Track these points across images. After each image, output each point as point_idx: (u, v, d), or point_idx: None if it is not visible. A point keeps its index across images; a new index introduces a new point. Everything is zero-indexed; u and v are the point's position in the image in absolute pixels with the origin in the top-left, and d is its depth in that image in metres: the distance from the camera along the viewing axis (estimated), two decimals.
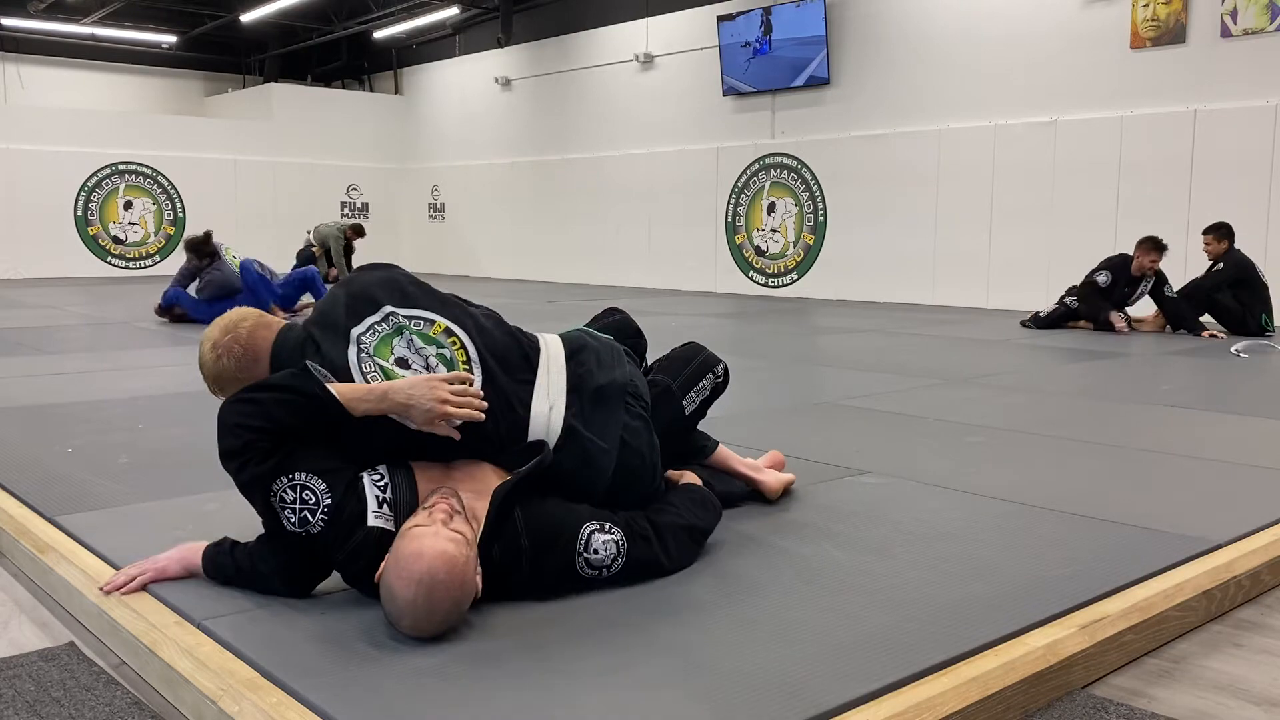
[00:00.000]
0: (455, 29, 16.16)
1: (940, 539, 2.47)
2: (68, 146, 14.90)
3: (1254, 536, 2.50)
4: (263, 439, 1.94)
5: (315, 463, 1.97)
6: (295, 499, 1.94)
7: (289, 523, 1.95)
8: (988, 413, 4.30)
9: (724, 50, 12.18)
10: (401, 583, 1.79)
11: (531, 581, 2.02)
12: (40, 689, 1.84)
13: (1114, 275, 7.78)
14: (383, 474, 2.03)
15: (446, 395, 2.04)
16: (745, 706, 1.59)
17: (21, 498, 2.83)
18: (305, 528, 1.94)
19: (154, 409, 4.34)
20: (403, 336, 2.17)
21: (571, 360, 2.29)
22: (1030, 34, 9.79)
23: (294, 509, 1.94)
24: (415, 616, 1.81)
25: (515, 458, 2.14)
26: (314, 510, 1.94)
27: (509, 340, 2.28)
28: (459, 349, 2.19)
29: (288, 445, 1.96)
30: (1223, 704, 1.82)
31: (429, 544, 1.81)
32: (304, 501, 1.94)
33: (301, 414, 1.98)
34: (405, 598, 1.79)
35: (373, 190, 17.54)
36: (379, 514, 1.96)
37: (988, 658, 1.79)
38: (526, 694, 1.63)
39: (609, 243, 14.04)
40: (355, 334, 2.17)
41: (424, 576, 1.78)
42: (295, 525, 1.95)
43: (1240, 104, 8.55)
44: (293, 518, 1.94)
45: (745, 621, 1.94)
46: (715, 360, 2.63)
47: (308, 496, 1.94)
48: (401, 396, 2.03)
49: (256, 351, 2.17)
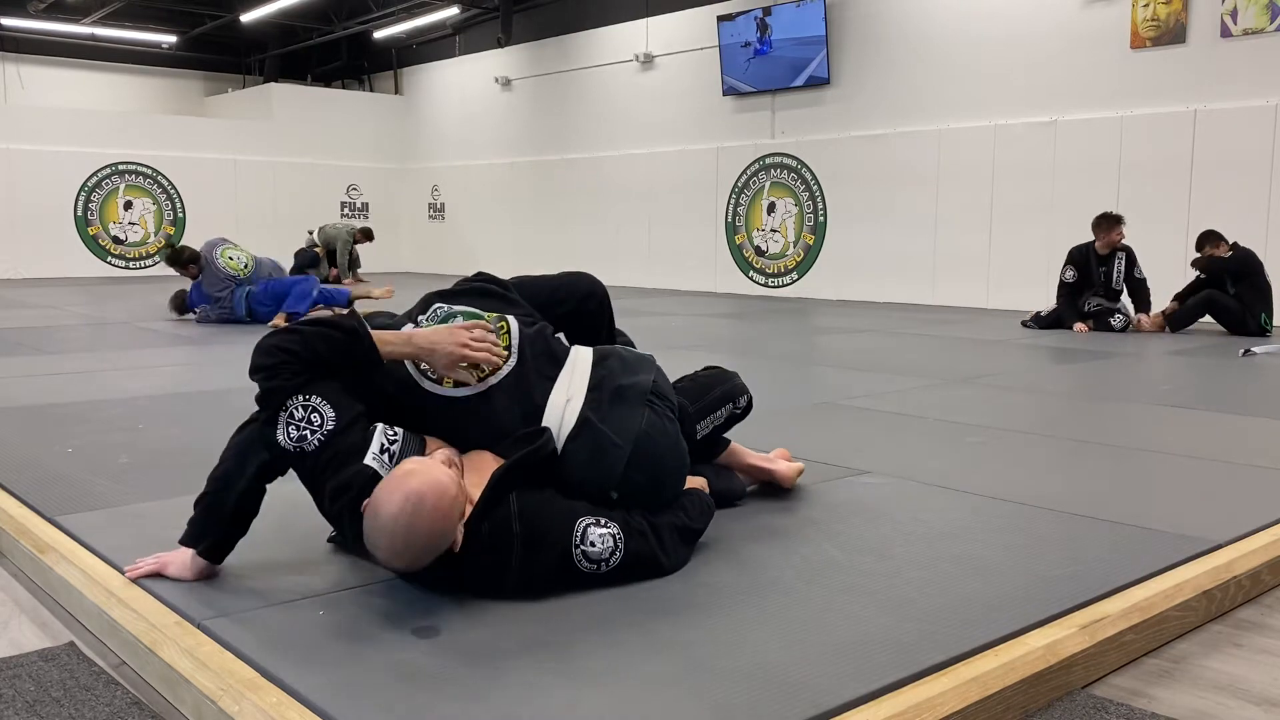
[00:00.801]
0: (455, 29, 16.16)
1: (940, 539, 2.47)
2: (68, 146, 14.90)
3: (1254, 536, 2.50)
4: (295, 362, 2.03)
5: (333, 394, 2.05)
6: (303, 418, 2.01)
7: (288, 438, 2.00)
8: (988, 413, 4.30)
9: (724, 50, 12.19)
10: (388, 496, 1.85)
11: (526, 573, 2.01)
12: (40, 689, 1.84)
13: (1078, 267, 7.88)
14: (397, 432, 2.09)
15: (466, 339, 2.17)
16: (745, 706, 1.59)
17: (21, 498, 2.83)
18: (300, 444, 2.00)
19: (154, 409, 4.34)
20: (454, 321, 2.29)
21: (598, 366, 2.34)
22: (1030, 34, 9.79)
23: (297, 425, 2.00)
24: (393, 536, 1.85)
25: (518, 444, 2.16)
26: (314, 430, 2.00)
27: (544, 341, 2.36)
28: (504, 332, 2.30)
29: (316, 374, 2.05)
30: (1223, 704, 1.82)
31: (423, 467, 1.91)
32: (310, 422, 2.01)
33: (337, 349, 2.07)
34: (388, 513, 1.84)
35: (373, 190, 17.54)
36: (378, 458, 2.01)
37: (988, 658, 1.79)
38: (526, 693, 1.63)
39: (609, 243, 14.04)
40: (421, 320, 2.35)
41: (411, 494, 1.84)
42: (292, 440, 2.00)
43: (1240, 104, 8.55)
44: (293, 433, 2.00)
45: (745, 621, 1.94)
46: (740, 391, 2.65)
47: (314, 418, 2.01)
48: (424, 341, 2.16)
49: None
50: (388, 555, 1.89)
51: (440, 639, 1.84)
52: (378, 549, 1.89)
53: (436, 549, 1.90)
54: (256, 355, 2.05)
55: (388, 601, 2.01)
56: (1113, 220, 7.76)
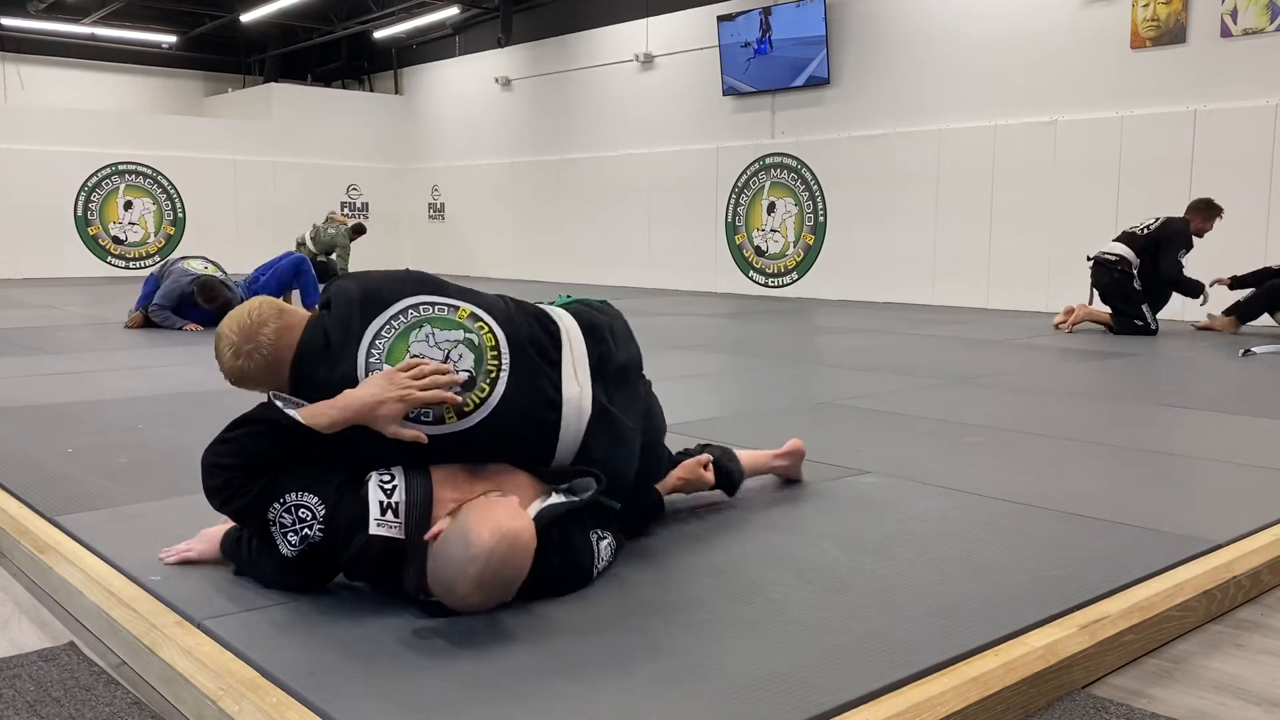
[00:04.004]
0: (455, 29, 16.16)
1: (940, 539, 2.47)
2: (67, 146, 14.89)
3: (1254, 536, 2.50)
4: (240, 474, 1.95)
5: (302, 480, 1.95)
6: (293, 520, 1.92)
7: (291, 546, 1.94)
8: (988, 413, 4.30)
9: (724, 50, 12.18)
10: (477, 530, 1.77)
11: (549, 594, 2.02)
12: (40, 689, 1.84)
13: (1187, 251, 7.49)
14: (393, 475, 1.97)
15: (406, 382, 1.93)
16: (745, 706, 1.59)
17: (21, 498, 2.83)
18: (305, 544, 1.93)
19: (154, 409, 4.34)
20: (421, 330, 2.04)
21: (590, 338, 2.20)
22: (1030, 34, 9.78)
23: (295, 530, 1.93)
24: (486, 569, 1.77)
25: (559, 478, 2.08)
26: (311, 525, 1.92)
27: (533, 322, 2.17)
28: (487, 333, 2.08)
29: (269, 474, 1.95)
30: (1223, 704, 1.82)
31: (507, 503, 1.87)
32: (300, 520, 1.92)
33: (277, 442, 1.96)
34: (482, 545, 1.76)
35: (373, 190, 17.54)
36: (381, 521, 1.90)
37: (988, 658, 1.79)
38: (526, 693, 1.63)
39: (609, 243, 14.04)
40: (369, 336, 2.04)
41: (509, 533, 1.78)
42: (297, 545, 1.93)
43: (1240, 104, 8.55)
44: (294, 539, 1.93)
45: (745, 621, 1.94)
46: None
47: (304, 514, 1.93)
48: (360, 404, 1.93)
49: (279, 359, 2.07)
50: (473, 589, 1.80)
51: (440, 640, 1.84)
52: (457, 584, 1.80)
53: (515, 585, 1.86)
54: (204, 476, 1.99)
55: (388, 602, 2.01)
56: (1216, 209, 7.47)
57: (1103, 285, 7.65)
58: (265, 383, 2.09)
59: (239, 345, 2.08)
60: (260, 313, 2.09)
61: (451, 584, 1.81)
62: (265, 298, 2.19)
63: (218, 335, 2.15)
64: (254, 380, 2.10)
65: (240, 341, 2.07)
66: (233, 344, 2.09)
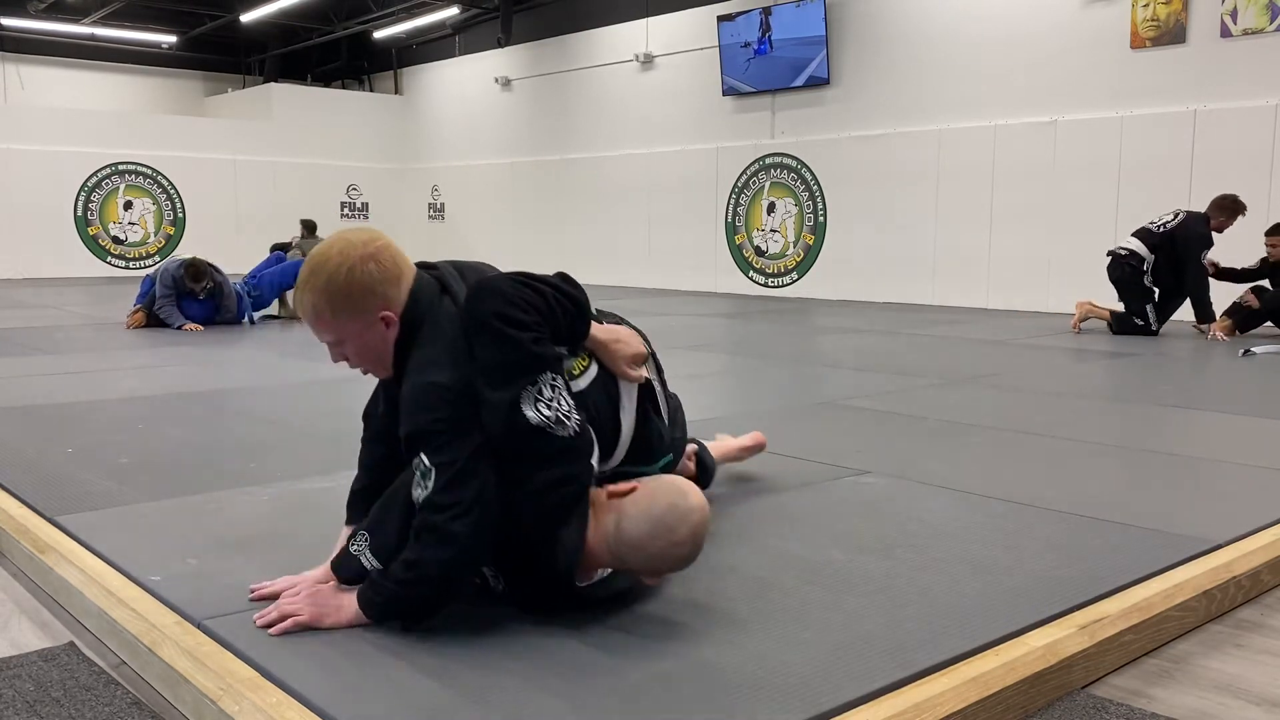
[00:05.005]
0: (455, 29, 16.16)
1: (940, 539, 2.47)
2: (67, 146, 14.90)
3: (1254, 536, 2.50)
4: (545, 326, 1.82)
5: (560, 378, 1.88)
6: (551, 398, 1.81)
7: (544, 417, 1.77)
8: (988, 413, 4.30)
9: (724, 50, 12.18)
10: (691, 489, 1.87)
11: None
12: (40, 689, 1.84)
13: (1208, 253, 7.36)
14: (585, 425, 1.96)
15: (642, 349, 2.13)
16: (745, 706, 1.59)
17: (21, 498, 2.83)
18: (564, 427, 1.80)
19: (154, 409, 4.34)
20: None
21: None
22: (1030, 34, 9.79)
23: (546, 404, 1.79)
24: (703, 523, 1.86)
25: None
26: (568, 415, 1.83)
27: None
28: None
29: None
30: (1223, 704, 1.82)
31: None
32: (559, 404, 1.83)
33: (570, 321, 1.91)
34: (699, 498, 1.86)
35: (373, 190, 17.54)
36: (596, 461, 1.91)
37: (988, 658, 1.79)
38: (526, 693, 1.63)
39: (609, 243, 14.04)
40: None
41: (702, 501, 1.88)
42: (550, 420, 1.78)
43: (1240, 104, 8.55)
44: (547, 413, 1.78)
45: (745, 621, 1.94)
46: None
47: (562, 402, 1.83)
48: (617, 335, 2.06)
49: (402, 272, 1.86)
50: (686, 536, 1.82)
51: (441, 639, 1.84)
52: (677, 529, 1.81)
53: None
54: (500, 302, 1.77)
55: None
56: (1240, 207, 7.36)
57: (1114, 279, 7.67)
58: (369, 301, 1.81)
59: (365, 241, 1.83)
60: (366, 228, 1.92)
61: (671, 529, 1.82)
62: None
63: (322, 248, 1.84)
64: (365, 291, 1.80)
65: (362, 239, 1.83)
66: (352, 243, 1.82)
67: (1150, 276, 7.49)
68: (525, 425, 1.76)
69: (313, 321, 1.86)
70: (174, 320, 7.59)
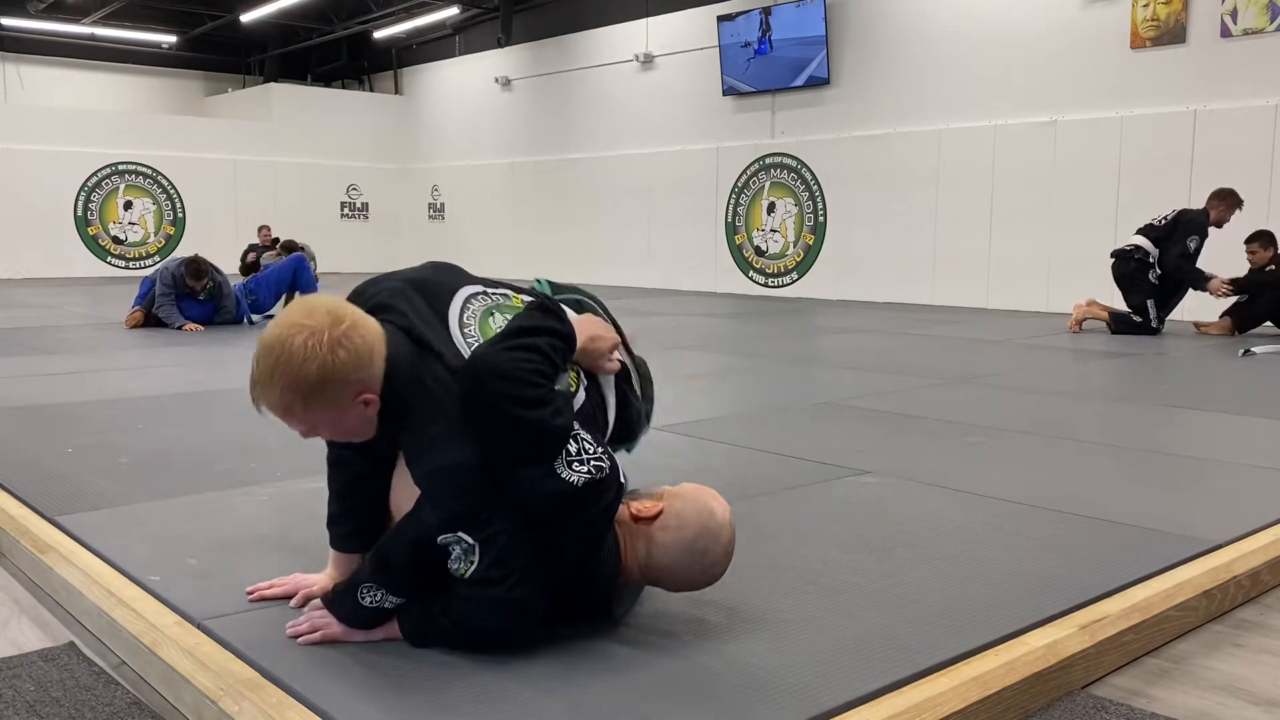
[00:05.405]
0: (455, 29, 16.17)
1: (940, 539, 2.47)
2: (68, 146, 14.90)
3: (1254, 536, 2.50)
4: (553, 394, 1.74)
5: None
6: (578, 450, 1.75)
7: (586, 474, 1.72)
8: (988, 413, 4.30)
9: (724, 50, 12.18)
10: (717, 503, 1.87)
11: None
12: (40, 689, 1.84)
13: (1200, 240, 7.39)
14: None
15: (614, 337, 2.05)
16: (745, 706, 1.59)
17: (21, 498, 2.83)
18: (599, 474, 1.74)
19: (154, 409, 4.34)
20: (494, 318, 1.90)
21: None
22: (1030, 34, 9.79)
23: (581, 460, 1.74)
24: (732, 539, 1.87)
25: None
26: (602, 460, 1.77)
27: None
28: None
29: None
30: (1223, 704, 1.82)
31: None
32: (586, 451, 1.76)
33: (562, 361, 1.82)
34: (726, 514, 1.86)
35: (373, 190, 17.54)
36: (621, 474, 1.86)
37: (988, 658, 1.79)
38: (526, 694, 1.63)
39: (609, 243, 14.04)
40: (452, 321, 1.85)
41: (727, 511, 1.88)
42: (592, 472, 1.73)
43: (1240, 104, 8.55)
44: (584, 469, 1.73)
45: (745, 621, 1.94)
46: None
47: (588, 447, 1.77)
48: (589, 330, 1.96)
49: (373, 345, 1.71)
50: (720, 555, 1.85)
51: None
52: (711, 549, 1.83)
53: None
54: (506, 385, 1.67)
55: None
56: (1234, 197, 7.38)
57: (1119, 275, 7.66)
58: (356, 379, 1.69)
59: (328, 328, 1.66)
60: (324, 301, 1.76)
61: (705, 552, 1.83)
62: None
63: (277, 332, 1.67)
64: (340, 380, 1.67)
65: (327, 324, 1.66)
66: (317, 329, 1.65)
67: (1156, 270, 7.50)
68: (572, 490, 1.72)
69: (283, 417, 1.72)
70: (174, 320, 7.60)
